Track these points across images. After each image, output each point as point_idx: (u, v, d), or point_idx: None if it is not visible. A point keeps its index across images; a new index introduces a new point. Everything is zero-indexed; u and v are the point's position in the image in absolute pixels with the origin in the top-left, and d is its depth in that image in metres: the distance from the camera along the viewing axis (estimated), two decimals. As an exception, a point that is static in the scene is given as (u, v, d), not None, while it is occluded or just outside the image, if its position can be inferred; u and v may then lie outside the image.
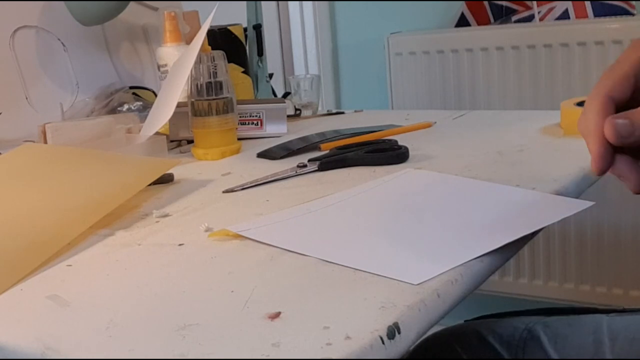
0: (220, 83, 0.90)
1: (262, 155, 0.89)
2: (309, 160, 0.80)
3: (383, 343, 0.37)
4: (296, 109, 1.21)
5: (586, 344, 0.75)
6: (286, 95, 1.28)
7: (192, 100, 0.90)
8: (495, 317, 0.83)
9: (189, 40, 1.02)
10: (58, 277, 0.52)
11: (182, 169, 0.85)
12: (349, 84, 2.10)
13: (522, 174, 0.71)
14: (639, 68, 0.48)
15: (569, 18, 1.75)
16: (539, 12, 1.79)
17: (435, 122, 1.02)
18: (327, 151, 0.85)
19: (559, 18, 1.76)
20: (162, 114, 0.89)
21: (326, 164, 0.79)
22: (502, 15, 1.84)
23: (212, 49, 0.99)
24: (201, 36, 0.90)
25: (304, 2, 2.04)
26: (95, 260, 0.55)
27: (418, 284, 0.44)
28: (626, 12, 1.69)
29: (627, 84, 0.48)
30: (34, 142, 0.92)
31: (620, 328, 0.75)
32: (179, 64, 0.95)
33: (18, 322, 0.44)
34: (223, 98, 0.90)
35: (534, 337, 0.77)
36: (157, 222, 0.64)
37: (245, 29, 1.26)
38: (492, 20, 1.85)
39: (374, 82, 2.00)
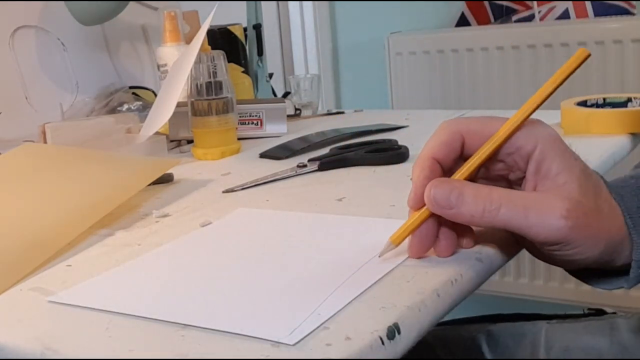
0: (220, 83, 0.90)
1: (265, 155, 0.89)
2: (309, 160, 0.80)
3: (383, 343, 0.37)
4: (296, 109, 1.21)
5: (524, 354, 0.78)
6: (286, 95, 1.28)
7: (192, 100, 0.90)
8: (446, 325, 0.84)
9: (188, 40, 1.02)
10: (58, 277, 0.52)
11: (182, 169, 0.85)
12: (349, 84, 2.10)
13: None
14: (458, 139, 0.49)
15: (569, 18, 1.75)
16: (539, 12, 1.79)
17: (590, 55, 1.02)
18: (327, 151, 0.85)
19: (559, 18, 1.76)
20: (162, 114, 0.89)
21: (326, 164, 0.79)
22: (502, 15, 1.84)
23: (212, 49, 0.99)
24: (201, 36, 0.90)
25: (304, 2, 2.04)
26: (95, 260, 0.55)
27: (294, 344, 0.37)
28: (626, 12, 1.69)
29: (447, 149, 0.48)
30: (33, 142, 0.92)
31: (557, 337, 0.78)
32: (178, 64, 0.95)
33: (18, 322, 0.44)
34: (223, 98, 0.90)
35: (476, 347, 0.79)
36: (157, 222, 0.64)
37: (245, 29, 1.26)
38: (492, 20, 1.85)
39: (374, 82, 2.00)
